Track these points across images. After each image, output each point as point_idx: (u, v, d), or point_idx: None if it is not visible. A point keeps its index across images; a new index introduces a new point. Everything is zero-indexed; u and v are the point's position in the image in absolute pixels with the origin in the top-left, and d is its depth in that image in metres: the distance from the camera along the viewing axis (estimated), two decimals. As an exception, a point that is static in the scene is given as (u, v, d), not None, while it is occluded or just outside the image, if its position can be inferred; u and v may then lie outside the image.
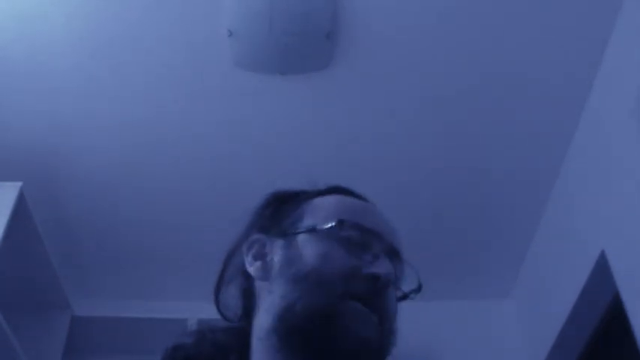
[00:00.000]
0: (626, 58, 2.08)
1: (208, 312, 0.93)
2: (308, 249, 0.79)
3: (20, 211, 2.23)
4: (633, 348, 2.00)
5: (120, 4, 2.12)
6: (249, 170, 2.57)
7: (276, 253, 0.82)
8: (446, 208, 2.73)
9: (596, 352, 2.40)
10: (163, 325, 2.71)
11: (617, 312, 2.14)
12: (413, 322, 3.25)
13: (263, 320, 0.79)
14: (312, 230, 0.82)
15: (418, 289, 0.86)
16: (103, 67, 2.26)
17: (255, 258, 0.84)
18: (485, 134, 2.47)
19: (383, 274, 0.77)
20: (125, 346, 2.80)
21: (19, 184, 2.23)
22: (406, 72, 2.29)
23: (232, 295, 0.85)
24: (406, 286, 0.86)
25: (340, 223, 0.81)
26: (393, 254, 0.83)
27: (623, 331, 2.06)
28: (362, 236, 0.81)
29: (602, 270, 2.17)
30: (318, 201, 0.88)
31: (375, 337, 0.75)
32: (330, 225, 0.81)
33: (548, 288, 2.69)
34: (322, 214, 0.84)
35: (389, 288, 0.78)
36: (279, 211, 0.89)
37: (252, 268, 0.83)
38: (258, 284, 0.83)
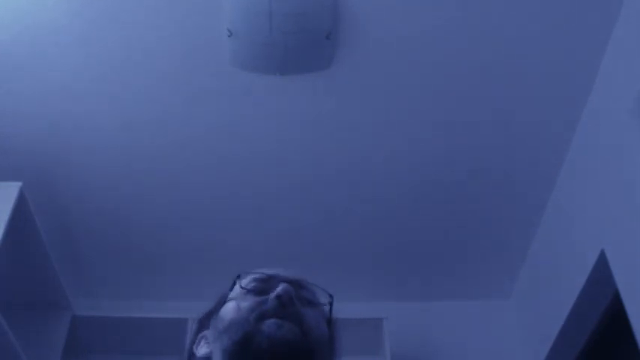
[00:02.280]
0: (626, 58, 2.08)
1: (208, 312, 0.97)
2: (225, 310, 0.93)
3: (20, 211, 2.23)
4: (633, 348, 2.00)
5: (120, 5, 2.12)
6: (249, 170, 2.57)
7: (210, 329, 0.95)
8: (446, 209, 2.73)
9: (596, 352, 2.40)
10: (163, 325, 2.71)
11: (617, 312, 2.14)
12: (413, 322, 3.27)
13: None
14: (225, 300, 0.96)
15: (331, 299, 0.97)
16: (103, 68, 2.26)
17: (202, 343, 0.96)
18: (485, 135, 2.47)
19: (282, 291, 0.88)
20: (125, 346, 2.80)
21: (19, 184, 2.23)
22: (406, 72, 2.29)
23: None
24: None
25: (238, 277, 0.96)
26: (295, 283, 0.94)
27: (623, 331, 2.06)
28: (263, 283, 0.94)
29: (602, 270, 2.17)
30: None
31: (298, 340, 0.85)
32: (233, 285, 0.96)
33: (548, 288, 2.69)
34: (239, 280, 0.97)
35: (294, 303, 0.89)
36: (214, 310, 0.99)
37: (200, 350, 0.94)
38: None
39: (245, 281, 0.96)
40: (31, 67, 2.25)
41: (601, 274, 2.18)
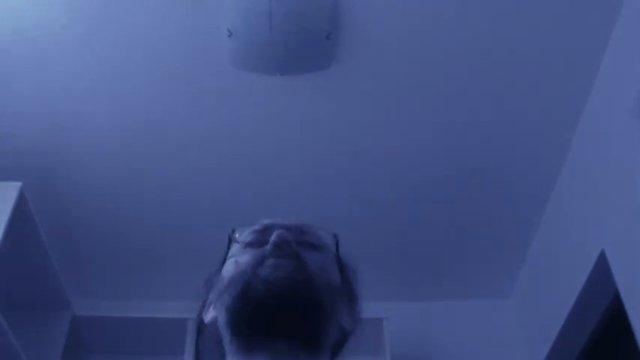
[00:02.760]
0: (626, 58, 2.08)
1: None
2: (225, 270, 0.88)
3: (20, 211, 2.23)
4: (633, 348, 2.00)
5: (120, 5, 2.11)
6: (249, 170, 2.57)
7: (213, 291, 0.90)
8: (446, 209, 2.73)
9: (596, 352, 2.40)
10: (163, 325, 2.71)
11: (617, 312, 2.14)
12: (413, 322, 3.26)
13: (227, 343, 0.83)
14: (224, 260, 0.91)
15: (336, 239, 0.94)
16: (102, 68, 2.26)
17: (210, 308, 0.91)
18: (485, 135, 2.47)
19: (278, 237, 0.84)
20: (125, 346, 2.80)
21: (19, 184, 2.23)
22: (406, 72, 2.28)
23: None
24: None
25: (232, 231, 0.92)
26: (295, 229, 0.89)
27: (623, 331, 2.06)
28: (261, 234, 0.89)
29: (602, 270, 2.17)
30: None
31: (298, 278, 0.80)
32: (229, 242, 0.91)
33: (548, 288, 2.69)
34: (234, 236, 0.93)
35: (293, 246, 0.83)
36: (217, 271, 0.94)
37: (208, 315, 0.89)
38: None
39: (242, 235, 0.91)
40: (30, 67, 2.25)
41: (601, 274, 2.18)
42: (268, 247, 0.84)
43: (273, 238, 0.84)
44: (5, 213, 2.15)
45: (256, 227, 0.92)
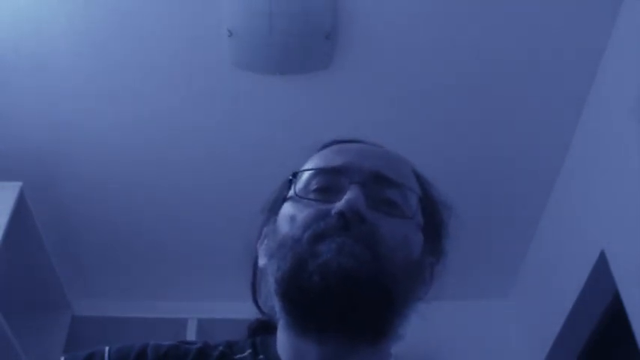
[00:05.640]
0: (626, 57, 2.08)
1: (208, 312, 0.94)
2: (280, 220, 0.76)
3: (20, 211, 2.23)
4: (633, 348, 1.99)
5: (119, 5, 2.12)
6: (249, 170, 2.57)
7: (268, 237, 0.78)
8: (446, 208, 2.72)
9: (595, 352, 2.40)
10: (163, 325, 2.71)
11: (617, 312, 2.14)
12: (413, 322, 3.23)
13: (278, 309, 0.73)
14: (284, 200, 0.79)
15: (422, 192, 0.78)
16: (102, 68, 2.26)
17: (263, 249, 0.80)
18: (485, 135, 2.47)
19: (345, 208, 0.69)
20: (125, 346, 2.80)
21: (19, 184, 2.23)
22: (406, 72, 2.29)
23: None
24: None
25: (294, 176, 0.79)
26: (375, 179, 0.76)
27: (623, 331, 2.06)
28: (330, 179, 0.76)
29: (602, 270, 2.17)
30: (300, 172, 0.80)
31: (364, 265, 0.67)
32: (289, 186, 0.78)
33: (548, 288, 2.69)
34: (295, 180, 0.79)
35: (365, 218, 0.70)
36: (279, 194, 0.83)
37: (261, 259, 0.79)
38: None
39: (303, 180, 0.77)
40: (30, 66, 2.25)
41: (601, 274, 2.18)
42: (334, 214, 0.69)
43: (341, 206, 0.69)
44: (5, 213, 2.15)
45: (326, 162, 0.79)
